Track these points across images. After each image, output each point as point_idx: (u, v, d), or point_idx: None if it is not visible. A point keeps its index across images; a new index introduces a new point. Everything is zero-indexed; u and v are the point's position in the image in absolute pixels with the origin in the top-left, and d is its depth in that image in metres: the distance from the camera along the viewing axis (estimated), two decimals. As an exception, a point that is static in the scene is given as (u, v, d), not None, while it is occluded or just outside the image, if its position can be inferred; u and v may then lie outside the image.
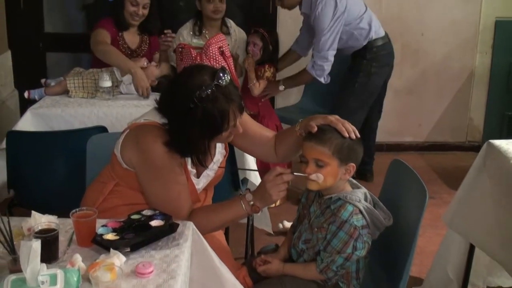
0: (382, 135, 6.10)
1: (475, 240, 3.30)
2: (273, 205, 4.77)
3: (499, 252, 3.07)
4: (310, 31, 5.03)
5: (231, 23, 5.26)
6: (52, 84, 4.52)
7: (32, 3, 5.92)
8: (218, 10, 5.02)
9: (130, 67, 4.45)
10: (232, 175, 3.60)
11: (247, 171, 3.82)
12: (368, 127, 5.29)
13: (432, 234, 4.28)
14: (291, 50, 5.39)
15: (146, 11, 4.79)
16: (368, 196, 2.68)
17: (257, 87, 4.97)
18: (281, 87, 5.07)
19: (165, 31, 4.71)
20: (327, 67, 4.86)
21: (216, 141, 2.71)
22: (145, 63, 4.54)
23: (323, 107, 5.37)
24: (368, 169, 5.49)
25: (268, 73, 5.03)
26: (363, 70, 4.98)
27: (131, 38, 4.89)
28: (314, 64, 4.87)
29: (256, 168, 3.83)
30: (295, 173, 2.57)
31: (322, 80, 4.91)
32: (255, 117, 4.82)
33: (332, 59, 4.85)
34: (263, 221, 4.02)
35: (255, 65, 5.02)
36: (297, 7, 5.00)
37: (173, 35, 4.75)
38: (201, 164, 2.69)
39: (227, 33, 5.15)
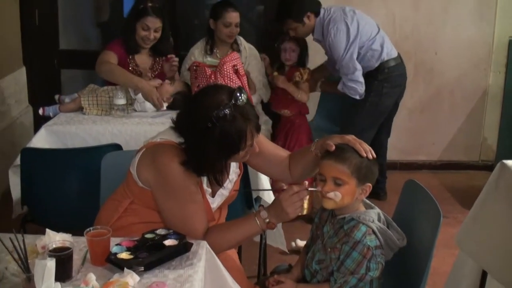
0: (396, 153, 6.10)
1: (485, 265, 3.25)
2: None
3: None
4: (330, 54, 5.08)
5: (241, 40, 5.31)
6: (67, 100, 4.53)
7: (47, 20, 5.94)
8: (233, 34, 5.12)
9: (135, 82, 4.48)
10: (245, 193, 3.59)
11: (260, 188, 3.82)
12: (378, 145, 5.26)
13: (445, 254, 4.24)
14: (324, 65, 5.44)
15: (158, 35, 4.77)
16: (382, 216, 2.67)
17: (306, 93, 5.07)
18: (318, 89, 5.25)
19: (168, 56, 4.73)
20: (360, 86, 4.91)
21: (233, 160, 2.72)
22: (157, 83, 4.54)
23: (335, 124, 5.37)
24: (381, 187, 5.48)
25: (306, 75, 5.06)
26: (375, 90, 4.98)
27: (143, 60, 4.88)
28: (344, 86, 4.94)
29: (270, 188, 3.83)
30: (309, 188, 2.57)
31: (357, 97, 4.96)
32: (290, 121, 5.09)
33: (361, 79, 4.90)
34: (278, 240, 4.00)
35: (288, 68, 5.11)
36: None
37: (176, 59, 4.78)
38: (217, 183, 2.69)
39: (238, 50, 5.19)
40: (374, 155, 2.60)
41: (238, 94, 2.51)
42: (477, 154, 6.42)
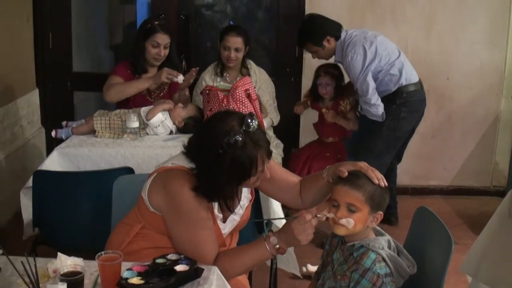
0: (407, 178, 6.09)
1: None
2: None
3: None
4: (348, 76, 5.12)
5: (251, 64, 5.33)
6: (74, 125, 4.55)
7: (61, 43, 5.98)
8: (231, 59, 5.12)
9: (145, 81, 4.67)
10: (256, 218, 3.59)
11: (271, 214, 3.82)
12: (388, 170, 5.27)
13: (455, 281, 4.22)
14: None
15: (167, 51, 4.85)
16: (392, 243, 2.67)
17: (355, 122, 5.25)
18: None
19: (192, 69, 4.75)
20: (374, 109, 4.92)
21: (244, 186, 2.72)
22: (171, 106, 4.56)
23: (350, 145, 5.37)
24: (392, 213, 5.45)
25: (348, 106, 5.20)
26: (392, 113, 4.98)
27: None
28: (364, 110, 4.98)
29: (282, 214, 3.84)
30: (318, 215, 2.56)
31: (379, 119, 4.98)
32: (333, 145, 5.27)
33: (378, 102, 4.91)
34: (290, 264, 3.98)
35: (330, 101, 5.25)
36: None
37: (196, 70, 4.80)
38: (228, 209, 2.69)
39: (248, 74, 5.21)
40: (386, 183, 2.60)
41: (249, 120, 2.52)
42: (489, 179, 6.39)
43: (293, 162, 5.35)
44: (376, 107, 4.91)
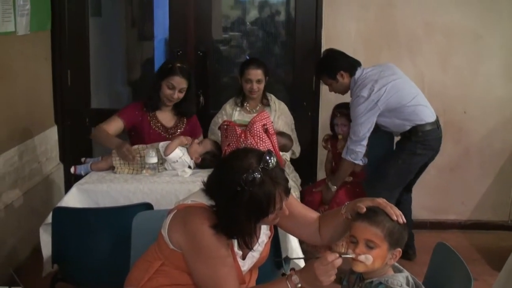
0: (425, 212, 6.08)
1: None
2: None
3: None
4: None
5: (271, 96, 5.44)
6: (90, 162, 4.58)
7: (79, 80, 6.03)
8: (254, 90, 5.23)
9: (115, 144, 4.56)
10: (275, 254, 3.59)
11: (289, 250, 3.82)
12: (398, 202, 5.28)
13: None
14: None
15: (181, 95, 4.86)
16: (411, 279, 2.65)
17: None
18: (333, 188, 5.21)
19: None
20: (360, 149, 4.98)
21: (262, 223, 2.71)
22: (188, 141, 4.58)
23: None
24: (410, 245, 5.42)
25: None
26: (408, 149, 4.99)
27: (165, 116, 4.96)
28: (348, 150, 5.02)
29: (300, 251, 3.84)
30: (343, 256, 2.56)
31: (359, 162, 5.04)
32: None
33: (365, 143, 4.97)
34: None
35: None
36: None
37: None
38: (246, 247, 2.69)
39: (267, 105, 5.33)
40: (405, 220, 2.59)
41: (267, 158, 2.54)
42: (507, 213, 6.35)
43: (309, 196, 5.34)
44: (362, 147, 4.98)
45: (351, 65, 5.11)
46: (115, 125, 4.81)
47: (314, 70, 5.39)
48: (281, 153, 5.00)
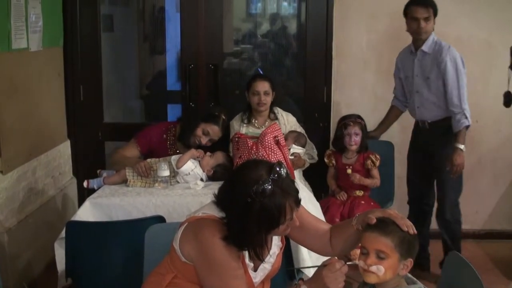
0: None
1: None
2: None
3: None
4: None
5: (278, 109, 5.45)
6: (104, 175, 4.62)
7: (92, 95, 6.05)
8: (262, 102, 5.23)
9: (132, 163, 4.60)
10: (287, 265, 3.59)
11: (301, 261, 3.82)
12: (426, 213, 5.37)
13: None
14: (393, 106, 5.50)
15: (209, 144, 4.88)
16: (424, 291, 2.65)
17: (378, 178, 5.32)
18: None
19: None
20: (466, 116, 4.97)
21: (273, 234, 2.72)
22: (201, 154, 4.60)
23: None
24: (426, 256, 5.42)
25: (378, 162, 5.31)
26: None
27: (185, 150, 4.85)
28: (462, 116, 4.97)
29: (310, 261, 3.84)
30: (348, 263, 2.56)
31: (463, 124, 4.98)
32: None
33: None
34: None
35: (356, 153, 5.32)
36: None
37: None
38: (258, 258, 2.70)
39: (275, 119, 5.34)
40: (415, 231, 2.59)
41: (278, 169, 2.55)
42: (521, 222, 6.35)
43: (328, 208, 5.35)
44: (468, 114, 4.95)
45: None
46: (130, 152, 4.91)
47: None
48: (299, 150, 5.13)
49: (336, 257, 2.64)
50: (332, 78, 6.00)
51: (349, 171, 5.28)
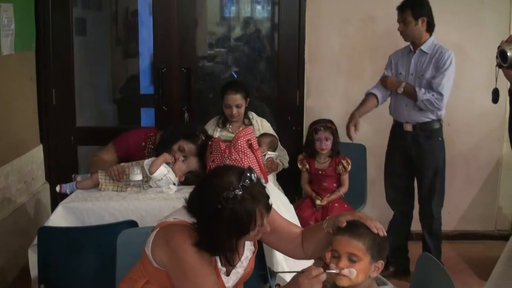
0: (412, 223, 6.09)
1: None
2: None
3: None
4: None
5: (252, 114, 5.51)
6: (79, 179, 4.60)
7: (64, 99, 6.03)
8: (234, 115, 5.29)
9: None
10: (260, 269, 3.60)
11: (274, 264, 3.82)
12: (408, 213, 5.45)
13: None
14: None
15: (184, 160, 4.67)
16: (395, 292, 2.67)
17: (347, 185, 5.45)
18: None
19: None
20: (440, 105, 5.07)
21: (244, 240, 2.72)
22: (172, 159, 4.58)
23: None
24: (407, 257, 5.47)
25: (350, 166, 5.42)
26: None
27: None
28: (428, 100, 5.03)
29: (286, 265, 3.84)
30: (327, 271, 2.56)
31: (435, 110, 5.11)
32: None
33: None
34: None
35: (328, 158, 5.43)
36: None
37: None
38: (229, 263, 2.70)
39: (249, 124, 5.38)
40: (385, 233, 2.61)
41: (248, 175, 2.55)
42: (493, 224, 6.39)
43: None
44: (432, 105, 5.03)
45: (433, 23, 5.08)
46: (107, 154, 4.89)
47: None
48: (272, 154, 5.16)
49: (312, 265, 2.64)
50: (304, 82, 6.03)
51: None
